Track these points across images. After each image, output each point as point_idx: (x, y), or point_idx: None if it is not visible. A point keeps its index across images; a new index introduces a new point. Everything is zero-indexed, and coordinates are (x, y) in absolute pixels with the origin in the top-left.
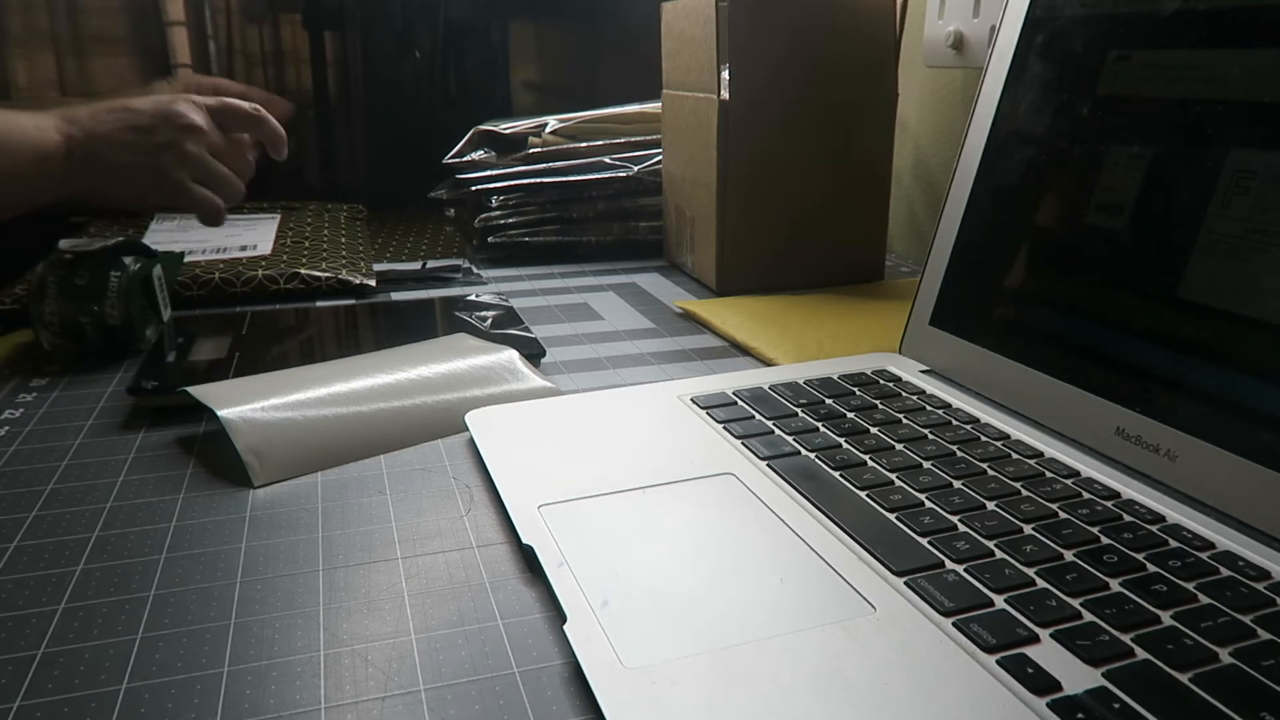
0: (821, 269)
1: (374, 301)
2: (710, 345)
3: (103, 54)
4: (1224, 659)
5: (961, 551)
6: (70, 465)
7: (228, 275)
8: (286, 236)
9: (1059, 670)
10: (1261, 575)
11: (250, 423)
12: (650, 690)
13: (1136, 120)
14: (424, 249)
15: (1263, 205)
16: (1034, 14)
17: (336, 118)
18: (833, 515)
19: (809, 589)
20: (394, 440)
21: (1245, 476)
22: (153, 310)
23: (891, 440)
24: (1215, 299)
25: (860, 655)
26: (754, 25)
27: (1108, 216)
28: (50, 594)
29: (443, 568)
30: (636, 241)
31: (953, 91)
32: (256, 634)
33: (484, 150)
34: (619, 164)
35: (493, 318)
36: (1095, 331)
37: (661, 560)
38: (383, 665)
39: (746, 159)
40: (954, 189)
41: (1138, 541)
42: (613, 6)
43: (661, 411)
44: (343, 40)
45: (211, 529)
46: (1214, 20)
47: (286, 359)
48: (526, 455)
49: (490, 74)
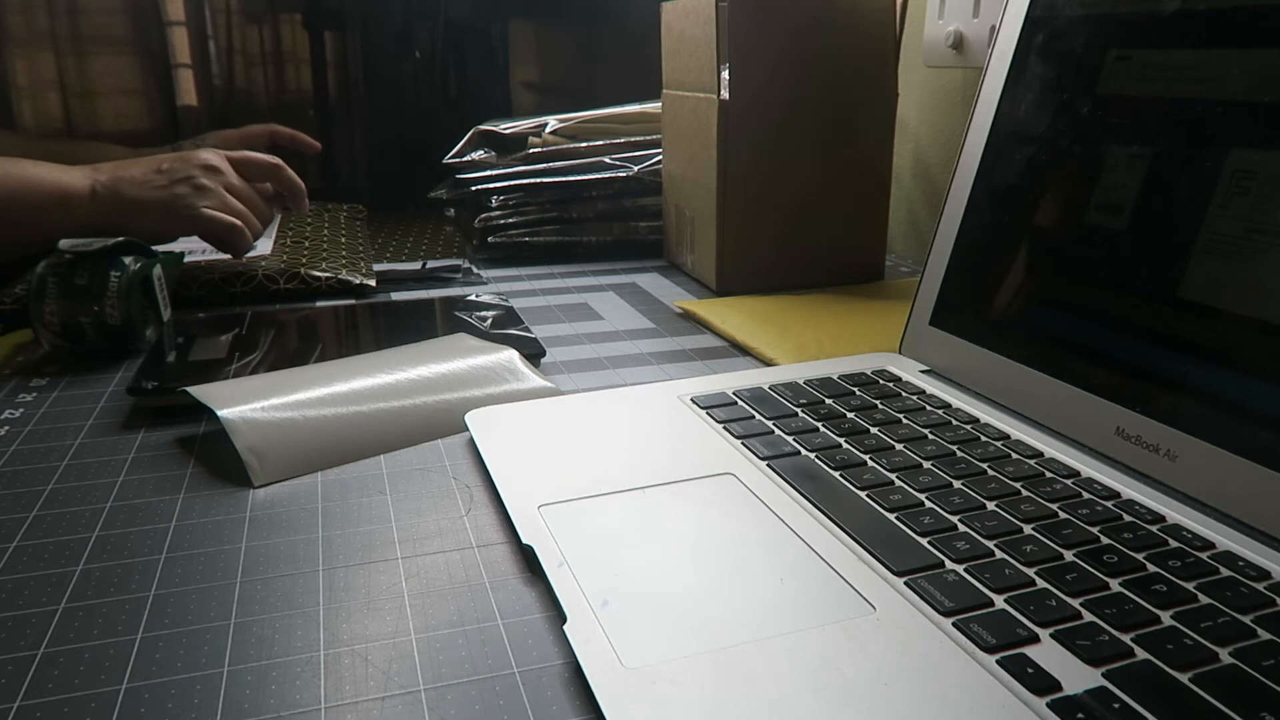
0: (821, 269)
1: (374, 301)
2: (710, 345)
3: (103, 54)
4: (1224, 659)
5: (961, 551)
6: (70, 465)
7: (228, 275)
8: (286, 237)
9: (1059, 670)
10: (1261, 575)
11: (250, 423)
12: (650, 690)
13: (1136, 120)
14: (424, 249)
15: (1263, 205)
16: (1034, 14)
17: (336, 118)
18: (833, 515)
19: (809, 589)
20: (394, 440)
21: (1245, 476)
22: (152, 310)
23: (891, 440)
24: (1215, 299)
25: (860, 655)
26: (754, 25)
27: (1107, 216)
28: (50, 594)
29: (443, 568)
30: (636, 241)
31: (953, 91)
32: (256, 634)
33: (484, 150)
34: (619, 164)
35: (493, 318)
36: (1095, 331)
37: (661, 560)
38: (383, 665)
39: (746, 159)
40: (954, 189)
41: (1138, 541)
42: (613, 6)
43: (661, 411)
44: (343, 40)
45: (211, 529)
46: (1214, 20)
47: (286, 359)
48: (526, 455)
49: (490, 74)
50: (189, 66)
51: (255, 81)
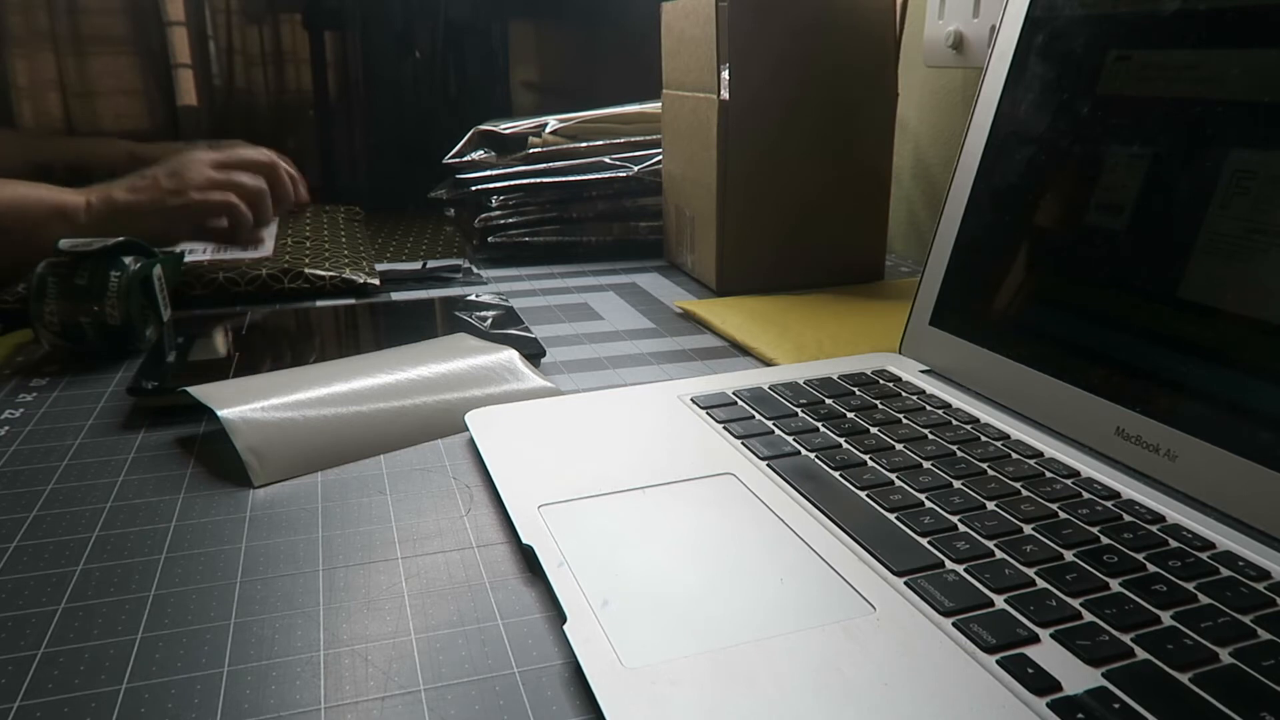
0: (821, 269)
1: (374, 301)
2: (710, 345)
3: (103, 54)
4: (1224, 659)
5: (961, 551)
6: (70, 465)
7: (231, 275)
8: (287, 237)
9: (1059, 670)
10: (1261, 575)
11: (250, 422)
12: (650, 690)
13: (1136, 120)
14: (424, 249)
15: (1263, 205)
16: (1034, 14)
17: (336, 118)
18: (833, 515)
19: (809, 589)
20: (394, 440)
21: (1245, 476)
22: (153, 310)
23: (891, 440)
24: (1215, 299)
25: (860, 655)
26: (754, 25)
27: (1107, 216)
28: (50, 594)
29: (443, 568)
30: (636, 241)
31: (953, 91)
32: (256, 634)
33: (484, 150)
34: (619, 164)
35: (493, 318)
36: (1095, 331)
37: (661, 560)
38: (383, 665)
39: (746, 159)
40: (954, 189)
41: (1138, 541)
42: (613, 6)
43: (661, 411)
44: (343, 40)
45: (211, 529)
46: (1214, 20)
47: (287, 359)
48: (526, 455)
49: (490, 74)
50: (189, 66)
51: (255, 81)
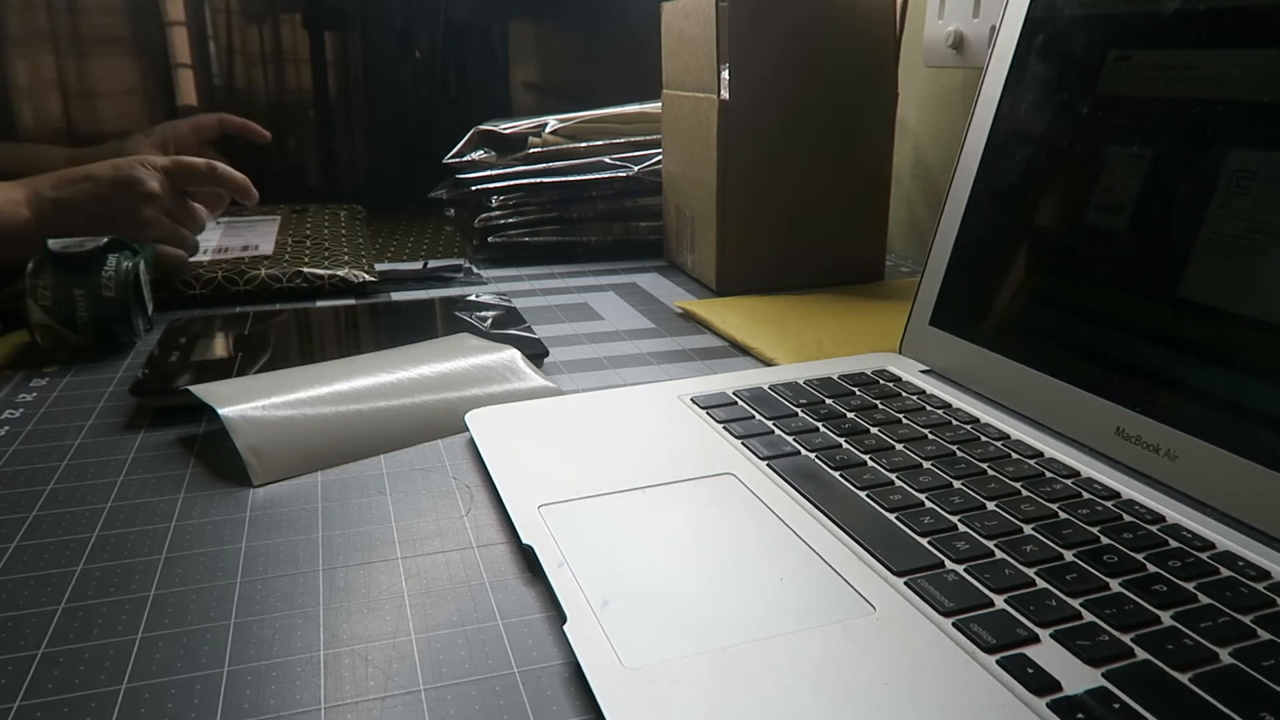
0: (821, 269)
1: (375, 301)
2: (710, 345)
3: (103, 54)
4: (1224, 659)
5: (961, 551)
6: (70, 465)
7: (230, 274)
8: (288, 236)
9: (1059, 670)
10: (1261, 575)
11: (250, 421)
12: (650, 690)
13: (1136, 120)
14: (424, 249)
15: (1263, 205)
16: (1034, 14)
17: (336, 118)
18: (833, 515)
19: (809, 589)
20: (394, 440)
21: (1245, 476)
22: (139, 304)
23: (891, 440)
24: (1215, 299)
25: (860, 655)
26: (754, 25)
27: (1108, 216)
28: (50, 594)
29: (443, 568)
30: (636, 241)
31: (953, 91)
32: (256, 634)
33: (484, 150)
34: (619, 164)
35: (493, 318)
36: (1095, 331)
37: (661, 560)
38: (383, 665)
39: (746, 159)
40: (954, 189)
41: (1138, 541)
42: (613, 6)
43: (661, 411)
44: (343, 40)
45: (211, 529)
46: (1214, 20)
47: (288, 358)
48: (526, 455)
49: (490, 74)
50: (189, 66)
51: (255, 81)
